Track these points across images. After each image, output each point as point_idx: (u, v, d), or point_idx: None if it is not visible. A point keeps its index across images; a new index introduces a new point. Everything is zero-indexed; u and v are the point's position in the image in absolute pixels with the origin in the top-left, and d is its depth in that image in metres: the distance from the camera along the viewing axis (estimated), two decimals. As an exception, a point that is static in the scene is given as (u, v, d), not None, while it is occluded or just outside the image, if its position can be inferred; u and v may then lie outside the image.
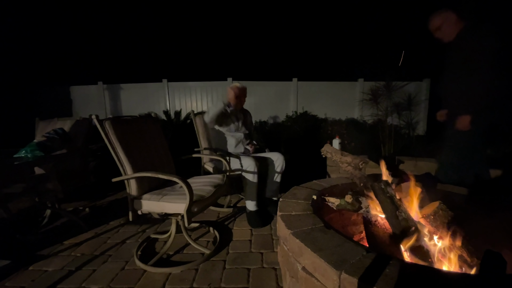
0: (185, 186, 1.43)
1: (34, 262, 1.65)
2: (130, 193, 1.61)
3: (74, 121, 2.51)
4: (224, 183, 1.90)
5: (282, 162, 2.40)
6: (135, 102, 5.70)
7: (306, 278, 0.92)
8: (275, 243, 1.85)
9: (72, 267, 1.60)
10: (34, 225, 2.23)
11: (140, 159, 1.70)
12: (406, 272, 0.75)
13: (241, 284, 1.40)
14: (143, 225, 2.19)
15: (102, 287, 1.40)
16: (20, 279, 1.49)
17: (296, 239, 0.98)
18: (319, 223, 1.10)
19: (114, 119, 1.64)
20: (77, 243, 1.91)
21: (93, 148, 3.46)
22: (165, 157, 2.00)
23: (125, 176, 1.59)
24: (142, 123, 1.91)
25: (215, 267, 1.58)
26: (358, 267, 0.77)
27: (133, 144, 1.70)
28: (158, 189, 1.74)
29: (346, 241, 0.94)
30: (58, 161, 2.09)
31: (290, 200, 1.40)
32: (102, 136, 1.55)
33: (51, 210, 2.26)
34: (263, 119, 5.35)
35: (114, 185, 2.10)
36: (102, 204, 2.79)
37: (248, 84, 5.65)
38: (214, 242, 1.87)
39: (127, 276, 1.50)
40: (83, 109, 5.59)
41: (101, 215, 2.47)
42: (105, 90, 5.67)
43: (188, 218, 1.46)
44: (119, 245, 1.88)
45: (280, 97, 5.76)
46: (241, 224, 2.18)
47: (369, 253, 0.85)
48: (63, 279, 1.48)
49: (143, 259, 1.64)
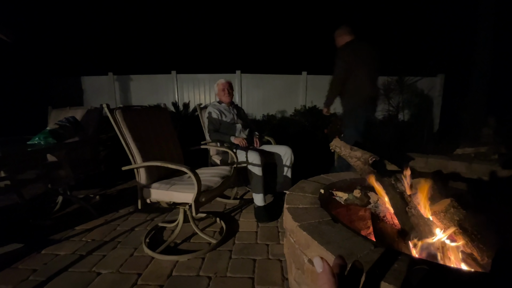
0: (193, 176, 1.44)
1: (46, 246, 1.71)
2: (139, 181, 1.64)
3: (86, 110, 2.55)
4: (231, 175, 1.91)
5: (291, 155, 2.40)
6: (144, 93, 5.74)
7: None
8: (281, 235, 1.86)
9: (83, 252, 1.65)
10: (47, 210, 2.30)
11: (149, 149, 1.72)
12: (414, 268, 0.73)
13: (246, 274, 1.42)
14: (152, 213, 2.23)
15: (112, 272, 1.45)
16: (33, 262, 1.54)
17: (303, 231, 0.97)
18: (326, 216, 1.09)
19: (125, 109, 1.66)
20: (88, 229, 1.97)
21: (104, 138, 3.53)
22: (174, 147, 2.02)
23: (135, 165, 1.61)
24: (152, 113, 1.92)
25: (222, 256, 1.60)
26: (366, 261, 0.77)
27: (143, 133, 1.72)
28: (167, 178, 1.76)
29: (354, 235, 0.93)
30: (70, 148, 2.14)
31: (297, 193, 1.39)
32: (112, 125, 1.57)
33: (63, 196, 2.32)
34: (271, 113, 5.32)
35: (123, 175, 2.14)
36: (112, 192, 2.85)
37: (257, 77, 5.67)
38: (221, 233, 1.90)
39: (136, 262, 1.54)
40: (94, 99, 5.67)
41: (111, 202, 2.53)
42: (115, 81, 5.73)
43: (196, 207, 1.48)
44: (128, 232, 1.92)
45: (289, 91, 5.69)
46: (247, 216, 2.20)
47: (377, 247, 0.84)
48: (74, 263, 1.53)
49: (151, 246, 1.67)
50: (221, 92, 2.55)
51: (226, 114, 2.51)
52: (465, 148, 2.52)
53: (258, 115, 5.41)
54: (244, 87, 5.66)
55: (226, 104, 2.57)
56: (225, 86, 2.56)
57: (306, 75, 5.61)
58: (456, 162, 2.28)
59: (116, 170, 1.89)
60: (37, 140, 1.94)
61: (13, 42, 2.04)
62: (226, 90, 2.55)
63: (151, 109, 1.96)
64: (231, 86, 2.61)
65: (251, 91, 5.71)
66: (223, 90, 2.54)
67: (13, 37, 2.01)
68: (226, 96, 2.55)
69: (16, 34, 2.11)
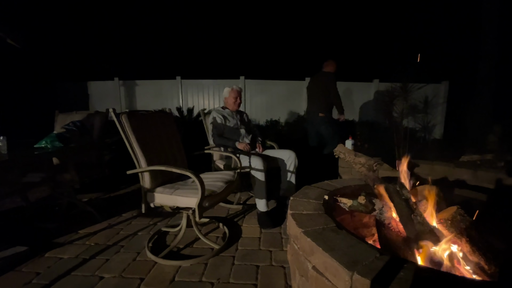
0: (197, 180, 1.45)
1: (50, 250, 1.72)
2: (143, 185, 1.65)
3: (91, 115, 2.58)
4: (235, 180, 1.91)
5: (294, 159, 2.40)
6: (149, 98, 5.80)
7: (316, 277, 0.91)
8: (284, 241, 1.84)
9: (86, 256, 1.65)
10: (51, 214, 2.31)
11: (154, 153, 1.73)
12: (421, 277, 0.73)
13: (249, 281, 1.41)
14: (155, 218, 2.23)
15: (115, 276, 1.44)
16: (36, 265, 1.55)
17: (307, 238, 0.97)
18: (331, 223, 1.08)
19: (130, 113, 1.68)
20: (91, 232, 1.97)
21: (108, 142, 3.56)
22: (178, 151, 2.03)
23: (140, 169, 1.62)
24: (157, 118, 1.94)
25: (224, 262, 1.59)
26: (371, 269, 0.76)
27: (148, 138, 1.74)
28: (171, 183, 1.77)
29: (359, 242, 0.93)
30: (76, 152, 2.16)
31: (301, 199, 1.38)
32: (118, 129, 1.59)
33: (67, 200, 2.34)
34: (274, 118, 5.33)
35: (127, 179, 2.15)
36: (116, 196, 2.87)
37: (261, 83, 5.71)
38: (224, 238, 1.89)
39: (139, 267, 1.53)
40: (99, 104, 5.74)
41: (115, 206, 2.54)
42: (121, 86, 5.80)
43: (199, 212, 1.48)
44: (131, 236, 1.92)
45: (293, 97, 5.72)
46: (250, 222, 2.19)
47: (382, 255, 0.83)
48: (78, 267, 1.53)
49: (154, 251, 1.67)
50: (232, 99, 2.53)
51: (230, 119, 2.52)
52: (471, 155, 2.50)
53: (262, 121, 5.43)
54: (248, 93, 5.70)
55: (231, 110, 2.58)
56: (238, 94, 2.55)
57: (309, 81, 5.64)
58: (462, 169, 2.26)
59: (121, 174, 1.91)
60: (44, 144, 1.97)
61: (21, 47, 2.08)
62: (239, 98, 2.55)
63: (156, 114, 1.98)
64: (240, 95, 2.60)
65: (255, 96, 5.75)
66: (235, 98, 2.53)
67: (22, 42, 2.05)
68: (236, 104, 2.55)
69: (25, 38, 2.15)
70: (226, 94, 2.57)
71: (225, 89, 2.58)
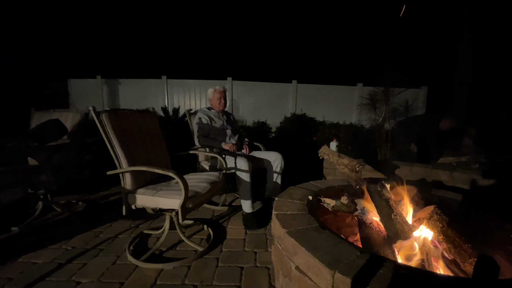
0: (180, 181, 1.42)
1: (23, 254, 1.62)
2: (124, 187, 1.60)
3: (71, 114, 2.47)
4: (220, 181, 1.89)
5: (281, 161, 2.40)
6: (133, 97, 5.66)
7: (299, 277, 0.92)
8: (269, 242, 1.84)
9: (62, 260, 1.57)
10: (25, 217, 2.19)
11: (136, 153, 1.68)
12: (399, 274, 0.74)
13: (233, 283, 1.39)
14: (137, 220, 2.17)
15: (92, 281, 1.38)
16: (8, 271, 1.46)
17: (290, 238, 0.97)
18: (314, 223, 1.10)
19: (111, 112, 1.62)
20: (68, 236, 1.88)
21: (88, 142, 3.43)
22: (161, 152, 1.99)
23: (120, 170, 1.57)
24: (140, 117, 1.89)
25: (208, 264, 1.56)
26: (352, 267, 0.77)
27: (130, 137, 1.69)
28: (153, 184, 1.73)
29: (341, 241, 0.94)
30: (52, 152, 2.06)
31: (286, 199, 1.39)
32: (98, 128, 1.53)
33: (43, 202, 2.23)
34: (261, 120, 5.35)
35: (108, 180, 2.08)
36: (96, 198, 2.76)
37: (248, 84, 5.72)
38: (208, 240, 1.86)
39: (118, 271, 1.48)
40: (80, 102, 5.53)
41: (94, 209, 2.44)
42: (103, 84, 5.62)
43: (183, 214, 1.45)
44: (111, 239, 1.86)
45: (279, 99, 5.77)
46: (236, 223, 2.17)
47: (363, 253, 0.85)
48: (53, 272, 1.46)
49: (135, 254, 1.62)
50: (216, 100, 2.50)
51: (216, 120, 2.50)
52: (447, 157, 2.61)
53: (249, 122, 5.43)
54: (235, 94, 5.69)
55: (217, 111, 2.56)
56: (222, 95, 2.52)
57: (296, 84, 5.72)
58: (439, 170, 2.35)
59: (101, 175, 1.84)
60: (18, 143, 1.86)
61: None
62: (223, 99, 2.52)
63: (139, 113, 1.93)
64: (225, 95, 2.58)
65: (242, 98, 5.74)
66: (219, 98, 2.50)
67: None
68: (221, 105, 2.52)
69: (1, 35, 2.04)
70: (210, 96, 2.56)
71: (209, 90, 2.57)
